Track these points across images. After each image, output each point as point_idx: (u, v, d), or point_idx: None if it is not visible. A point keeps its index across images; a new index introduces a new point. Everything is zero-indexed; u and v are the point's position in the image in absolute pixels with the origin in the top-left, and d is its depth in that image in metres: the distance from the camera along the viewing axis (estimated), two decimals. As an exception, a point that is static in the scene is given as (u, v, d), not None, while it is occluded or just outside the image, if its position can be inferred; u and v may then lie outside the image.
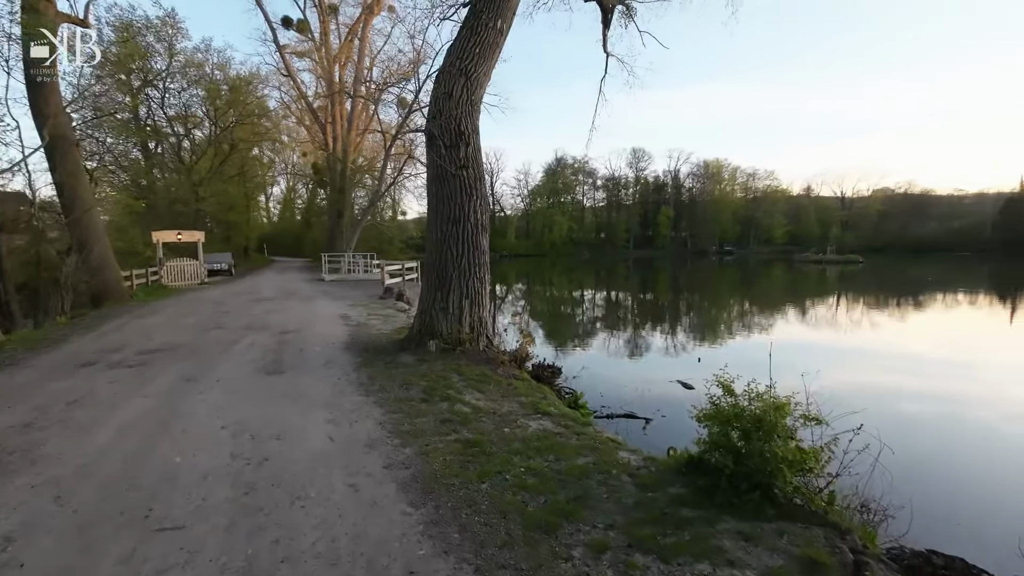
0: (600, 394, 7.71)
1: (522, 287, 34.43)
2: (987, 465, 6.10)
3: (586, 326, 16.44)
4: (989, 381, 9.87)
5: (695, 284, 36.10)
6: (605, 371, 9.69)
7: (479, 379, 6.23)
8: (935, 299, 24.59)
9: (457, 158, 7.86)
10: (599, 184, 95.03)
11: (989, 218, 77.57)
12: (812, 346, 13.31)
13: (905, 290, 28.67)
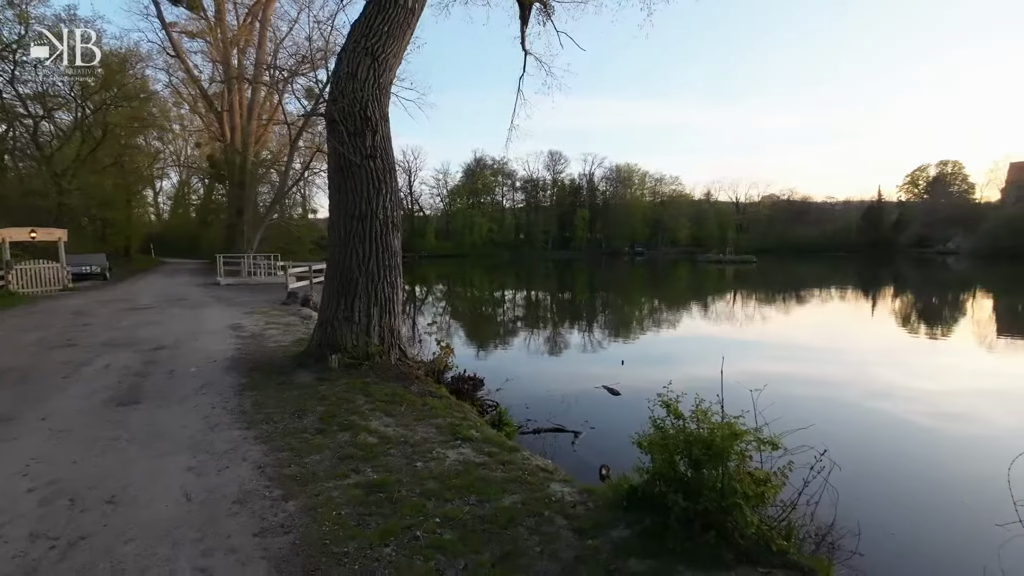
0: (526, 406, 7.17)
1: (443, 289, 33.41)
2: (921, 465, 6.24)
3: (509, 331, 15.96)
4: (882, 371, 10.67)
5: (612, 284, 37.18)
6: (530, 379, 9.19)
7: (389, 399, 5.40)
8: (818, 295, 27.40)
9: (363, 146, 6.94)
10: (518, 186, 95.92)
11: (854, 223, 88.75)
12: (721, 340, 13.85)
13: (793, 287, 31.71)
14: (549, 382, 8.94)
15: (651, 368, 10.58)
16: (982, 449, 6.50)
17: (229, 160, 31.25)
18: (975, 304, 24.13)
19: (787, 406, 4.00)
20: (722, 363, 3.38)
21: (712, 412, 3.15)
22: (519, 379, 8.88)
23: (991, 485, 4.93)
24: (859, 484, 4.57)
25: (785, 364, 11.14)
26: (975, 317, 19.88)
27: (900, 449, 6.53)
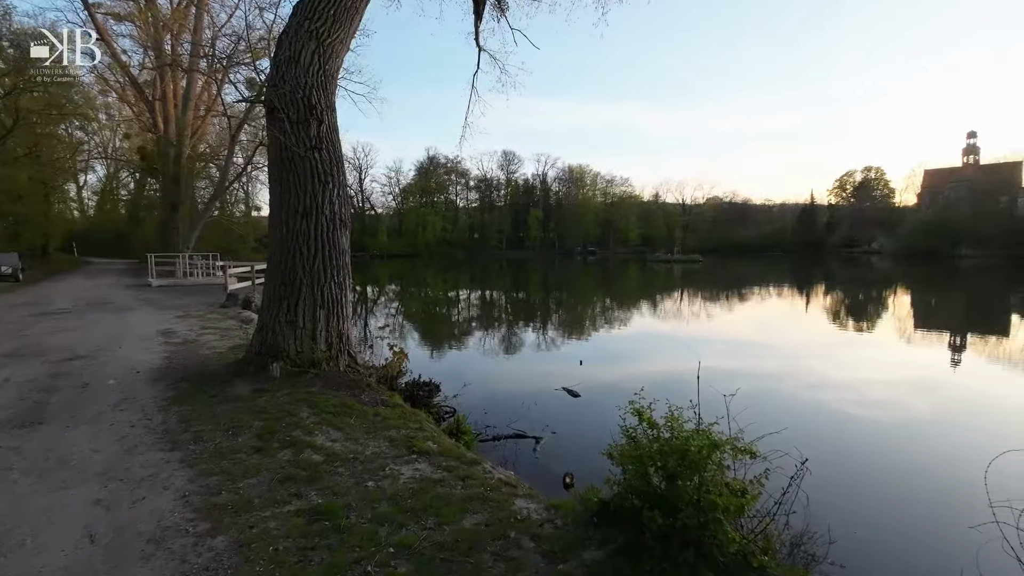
0: (484, 411, 6.88)
1: (395, 289, 32.52)
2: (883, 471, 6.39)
3: (465, 332, 15.60)
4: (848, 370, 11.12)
5: (566, 283, 37.48)
6: (488, 382, 8.92)
7: (337, 411, 4.97)
8: (760, 292, 28.70)
9: (307, 136, 6.43)
10: (472, 185, 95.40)
11: (790, 224, 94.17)
12: (673, 336, 14.09)
13: (737, 285, 33.09)
14: (508, 385, 8.71)
15: (609, 367, 10.56)
16: (949, 446, 6.66)
17: (162, 153, 29.03)
18: (899, 300, 26.06)
19: (754, 404, 3.98)
20: (698, 368, 3.22)
21: (684, 419, 2.99)
22: (477, 383, 8.60)
23: (959, 481, 5.11)
24: (828, 486, 4.56)
25: (738, 360, 11.43)
26: (905, 312, 21.42)
27: (868, 448, 6.56)
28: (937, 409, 8.26)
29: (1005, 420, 7.61)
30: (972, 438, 6.80)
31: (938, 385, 9.84)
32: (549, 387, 8.48)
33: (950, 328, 16.78)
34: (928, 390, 9.38)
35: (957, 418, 7.82)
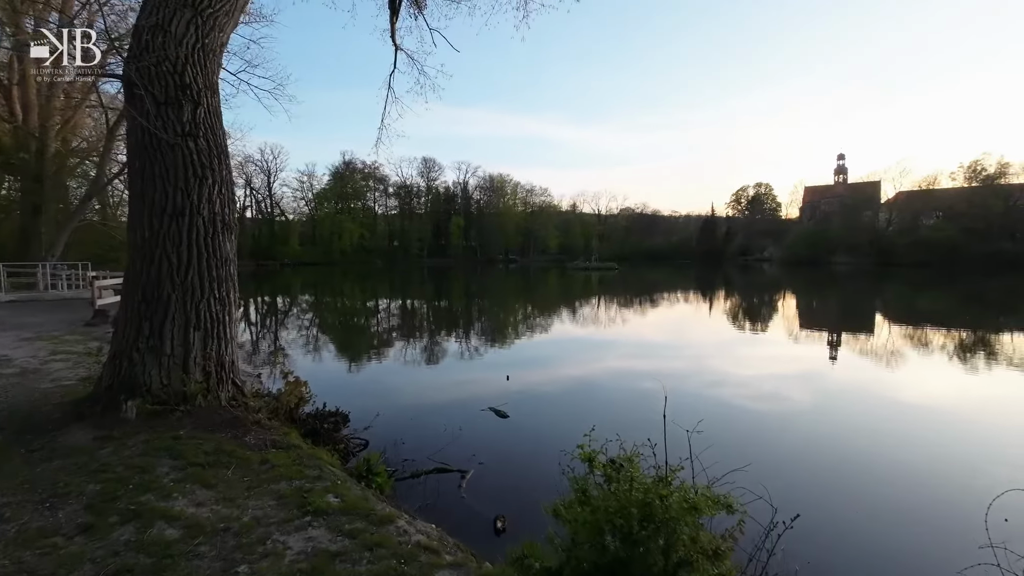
0: (402, 441, 6.05)
1: (308, 300, 30.11)
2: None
3: (382, 349, 14.45)
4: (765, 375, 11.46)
5: (488, 291, 37.01)
6: (407, 405, 8.03)
7: (211, 460, 3.95)
8: (670, 297, 30.14)
9: (178, 121, 5.30)
10: (391, 191, 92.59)
11: (694, 234, 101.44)
12: (600, 342, 14.05)
13: (650, 290, 34.59)
14: (429, 408, 7.88)
15: (538, 381, 10.07)
16: (916, 468, 6.15)
17: (21, 146, 24.67)
18: (798, 303, 28.55)
19: (707, 418, 3.68)
20: (664, 405, 2.71)
21: (638, 455, 2.48)
22: (394, 407, 7.73)
23: (929, 505, 5.08)
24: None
25: (664, 362, 11.57)
26: (792, 313, 23.36)
27: (833, 474, 5.97)
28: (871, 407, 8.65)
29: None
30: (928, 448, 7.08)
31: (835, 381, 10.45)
32: (475, 407, 7.78)
33: (859, 329, 18.43)
34: (809, 379, 9.93)
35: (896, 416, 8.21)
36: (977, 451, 6.50)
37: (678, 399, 8.59)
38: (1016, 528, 4.35)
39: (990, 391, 9.73)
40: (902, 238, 70.02)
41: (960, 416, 8.13)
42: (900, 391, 9.72)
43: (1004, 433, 7.23)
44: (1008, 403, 8.97)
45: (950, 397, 9.34)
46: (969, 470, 5.83)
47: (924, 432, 7.31)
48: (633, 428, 6.30)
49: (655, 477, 2.35)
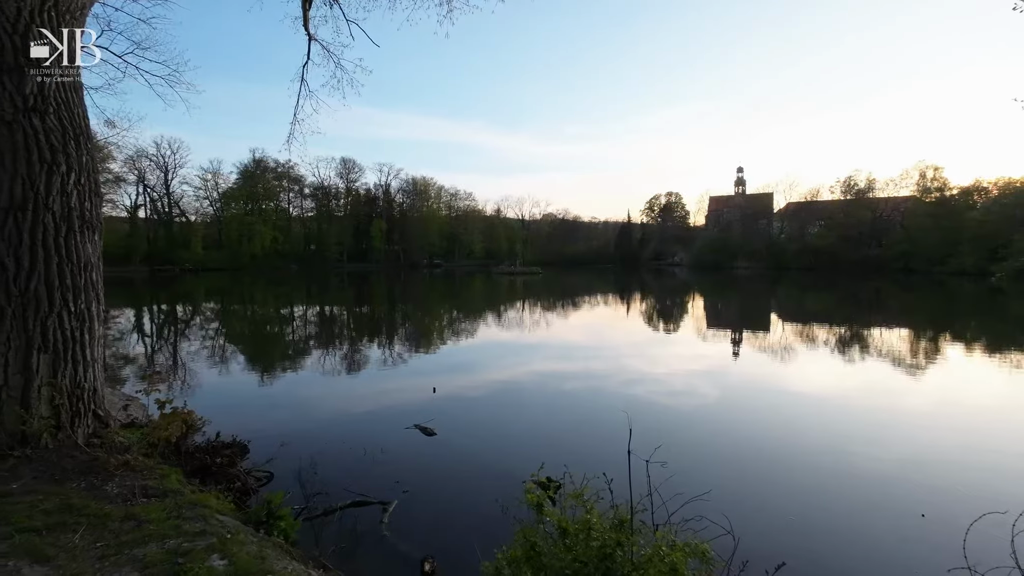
0: (315, 470, 5.30)
1: (213, 309, 27.25)
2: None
3: (294, 360, 13.23)
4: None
5: (413, 296, 35.84)
6: (321, 427, 7.20)
7: (52, 522, 3.08)
8: (592, 300, 30.93)
9: (18, 93, 4.27)
10: (307, 192, 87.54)
11: (612, 239, 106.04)
12: (531, 347, 13.86)
13: (571, 294, 35.34)
14: (346, 429, 7.11)
15: (467, 390, 9.59)
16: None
17: None
18: (706, 304, 30.44)
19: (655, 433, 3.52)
20: (629, 439, 2.38)
21: (592, 500, 2.14)
22: (306, 431, 6.90)
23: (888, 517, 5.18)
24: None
25: (589, 363, 11.58)
26: (700, 313, 24.86)
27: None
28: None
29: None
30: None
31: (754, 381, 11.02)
32: (399, 425, 7.15)
33: (759, 327, 19.76)
34: (720, 375, 10.43)
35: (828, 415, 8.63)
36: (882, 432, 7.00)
37: (603, 400, 8.83)
38: (932, 522, 4.58)
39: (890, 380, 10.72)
40: (792, 245, 77.83)
41: (848, 403, 8.82)
42: (797, 384, 10.43)
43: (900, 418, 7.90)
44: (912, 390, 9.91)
45: (841, 386, 10.17)
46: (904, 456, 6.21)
47: (823, 418, 7.78)
48: (568, 437, 5.99)
49: (613, 518, 2.01)
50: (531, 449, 6.31)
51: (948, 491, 5.25)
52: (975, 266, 49.99)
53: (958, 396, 9.72)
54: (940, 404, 9.16)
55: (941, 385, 10.58)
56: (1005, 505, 4.70)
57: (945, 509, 4.80)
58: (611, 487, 2.22)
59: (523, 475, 5.19)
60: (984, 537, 2.87)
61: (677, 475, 4.65)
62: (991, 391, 10.12)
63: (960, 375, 11.52)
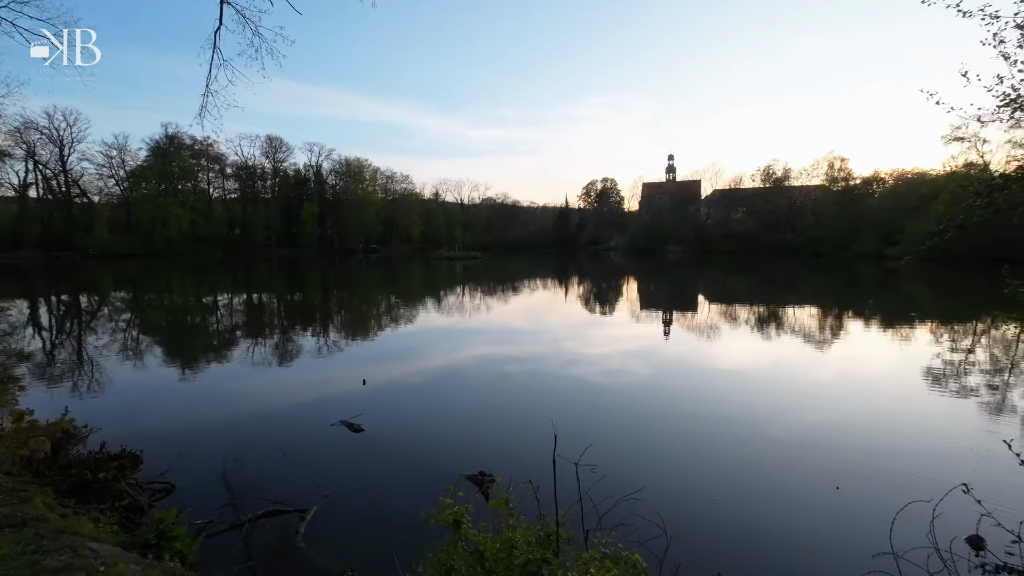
0: (224, 479, 4.85)
1: (123, 299, 24.65)
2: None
3: (209, 354, 12.19)
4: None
5: (347, 283, 34.44)
6: (235, 430, 6.61)
7: None
8: (531, 284, 31.21)
9: None
10: (229, 172, 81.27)
11: (551, 224, 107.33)
12: (466, 334, 13.61)
13: (512, 279, 35.45)
14: (264, 428, 6.58)
15: (400, 382, 9.24)
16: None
17: None
18: (639, 287, 31.52)
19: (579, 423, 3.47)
20: (554, 448, 2.21)
21: (520, 506, 1.97)
22: (218, 436, 6.33)
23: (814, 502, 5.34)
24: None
25: (526, 347, 11.54)
26: (634, 296, 25.74)
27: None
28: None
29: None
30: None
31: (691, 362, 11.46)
32: (324, 422, 6.72)
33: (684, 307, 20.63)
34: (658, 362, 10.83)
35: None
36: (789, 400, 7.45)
37: (540, 381, 9.11)
38: (847, 495, 4.87)
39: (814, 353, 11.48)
40: (717, 230, 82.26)
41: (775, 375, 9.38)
42: (723, 362, 10.98)
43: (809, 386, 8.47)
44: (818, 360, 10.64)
45: (761, 362, 10.80)
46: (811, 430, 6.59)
47: (747, 395, 8.20)
48: (505, 428, 5.77)
49: (539, 529, 1.86)
50: (466, 442, 6.14)
51: (859, 465, 5.63)
52: (873, 250, 55.08)
53: (861, 367, 10.61)
54: (845, 376, 9.96)
55: (846, 356, 11.53)
56: (911, 474, 5.16)
57: (857, 483, 5.14)
58: (538, 495, 2.07)
59: (456, 472, 5.01)
60: (904, 519, 3.00)
61: (610, 467, 4.67)
62: (888, 361, 11.14)
63: (862, 348, 12.60)
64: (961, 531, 3.75)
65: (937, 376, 9.62)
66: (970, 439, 6.22)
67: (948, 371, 10.03)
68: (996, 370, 10.31)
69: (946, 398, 8.27)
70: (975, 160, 44.73)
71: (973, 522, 3.46)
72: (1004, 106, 4.28)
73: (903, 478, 5.15)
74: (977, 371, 10.12)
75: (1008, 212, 4.13)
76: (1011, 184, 4.09)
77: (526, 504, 2.37)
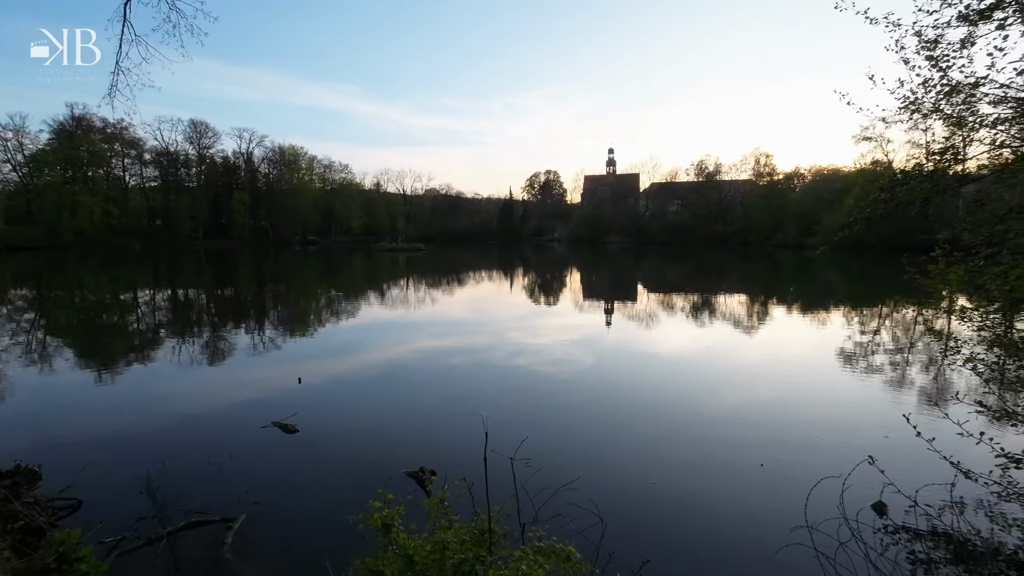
0: (141, 490, 4.46)
1: (26, 296, 22.14)
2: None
3: (128, 358, 11.18)
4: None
5: (284, 276, 32.82)
6: (156, 436, 6.09)
7: None
8: (477, 276, 31.19)
9: None
10: (148, 159, 74.93)
11: (495, 216, 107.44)
12: (409, 327, 13.37)
13: (457, 270, 35.20)
14: (188, 435, 6.13)
15: (338, 379, 8.90)
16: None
17: None
18: (582, 277, 32.21)
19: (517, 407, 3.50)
20: (485, 444, 2.15)
21: (453, 504, 1.93)
22: (136, 443, 5.84)
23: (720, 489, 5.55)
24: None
25: (469, 339, 11.48)
26: (577, 286, 26.33)
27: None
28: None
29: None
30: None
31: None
32: (255, 424, 6.35)
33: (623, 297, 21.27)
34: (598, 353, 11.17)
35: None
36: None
37: (486, 373, 9.19)
38: (770, 472, 5.19)
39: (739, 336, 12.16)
40: (655, 221, 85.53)
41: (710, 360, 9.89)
42: (659, 347, 11.46)
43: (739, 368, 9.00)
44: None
45: (694, 347, 11.37)
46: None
47: (680, 377, 8.60)
48: (447, 423, 5.68)
49: (473, 527, 1.82)
50: (408, 439, 6.01)
51: (781, 442, 6.03)
52: (795, 240, 59.37)
53: (785, 350, 11.39)
54: (770, 358, 10.67)
55: (771, 340, 12.34)
56: (826, 448, 5.60)
57: (779, 460, 5.50)
58: (474, 492, 2.04)
59: (397, 470, 4.91)
60: (818, 492, 3.21)
61: (550, 458, 4.74)
62: (807, 343, 12.04)
63: (785, 332, 13.54)
64: (868, 500, 4.11)
65: (849, 356, 10.51)
66: (877, 413, 6.83)
67: (858, 351, 10.99)
68: (898, 349, 11.39)
69: (857, 376, 9.07)
70: (881, 158, 49.02)
71: (878, 491, 3.80)
72: (904, 108, 4.65)
73: (819, 453, 5.58)
74: (882, 351, 11.14)
75: (907, 206, 4.52)
76: (910, 180, 4.48)
77: (465, 501, 2.34)
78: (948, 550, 3.65)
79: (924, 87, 4.45)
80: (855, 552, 2.78)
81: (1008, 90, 4.27)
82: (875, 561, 3.00)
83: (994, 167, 4.33)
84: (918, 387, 8.39)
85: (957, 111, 4.46)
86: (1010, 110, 4.32)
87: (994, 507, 4.01)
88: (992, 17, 3.94)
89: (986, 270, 3.91)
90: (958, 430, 3.54)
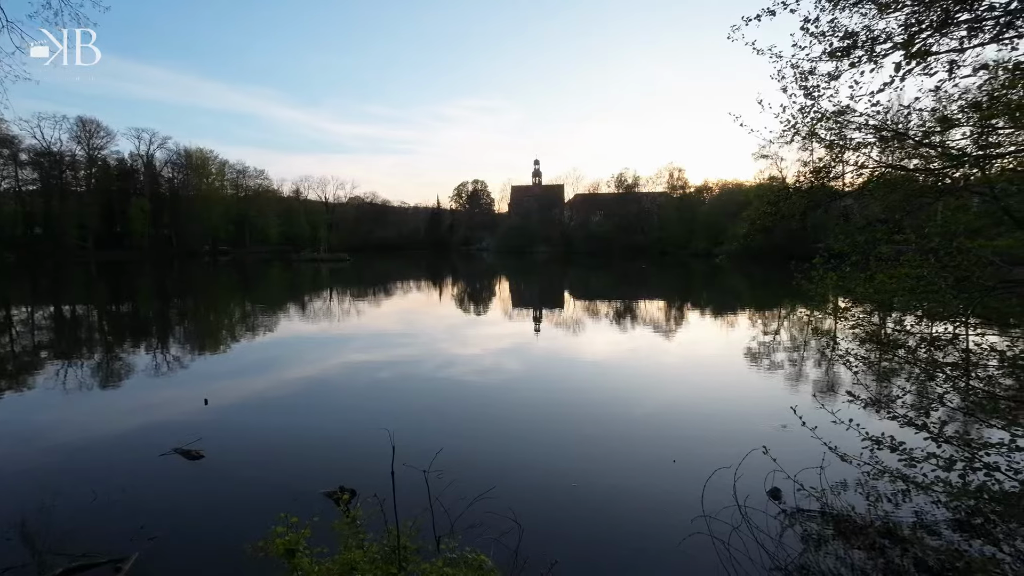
0: (12, 534, 3.91)
1: None
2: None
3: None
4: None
5: (189, 290, 30.18)
6: (32, 471, 5.35)
7: None
8: (404, 287, 30.55)
9: None
10: (25, 159, 66.23)
11: (422, 225, 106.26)
12: (325, 341, 12.81)
13: (383, 281, 34.30)
14: (71, 470, 5.43)
15: (250, 400, 8.31)
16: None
17: None
18: (511, 286, 32.57)
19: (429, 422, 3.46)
20: (392, 459, 2.11)
21: (362, 533, 1.88)
22: (2, 483, 5.09)
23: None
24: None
25: (393, 351, 11.20)
26: (506, 295, 26.64)
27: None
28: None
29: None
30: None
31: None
32: (153, 451, 5.77)
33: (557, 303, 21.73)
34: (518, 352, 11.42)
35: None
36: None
37: (413, 385, 8.98)
38: (679, 467, 5.50)
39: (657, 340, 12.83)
40: (579, 231, 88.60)
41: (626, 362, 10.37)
42: (583, 353, 11.88)
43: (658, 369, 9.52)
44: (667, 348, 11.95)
45: (616, 352, 11.90)
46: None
47: (602, 381, 8.96)
48: (367, 442, 5.52)
49: (386, 544, 1.78)
50: (327, 458, 5.75)
51: (690, 438, 6.45)
52: (705, 249, 64.09)
53: (696, 351, 12.22)
54: (684, 359, 11.41)
55: (685, 342, 13.20)
56: (729, 441, 6.06)
57: (688, 454, 5.87)
58: (384, 509, 1.99)
59: (314, 491, 4.68)
60: (715, 482, 3.45)
61: (470, 468, 4.75)
62: (717, 344, 13.00)
63: (697, 334, 14.52)
64: (768, 486, 4.50)
65: (754, 355, 11.51)
66: (776, 406, 7.49)
67: (760, 351, 12.05)
68: (795, 347, 12.61)
69: (761, 373, 9.95)
70: (776, 175, 54.24)
71: (772, 478, 4.17)
72: (786, 131, 5.22)
73: (721, 446, 6.02)
74: (782, 349, 12.29)
75: (790, 219, 5.06)
76: (791, 196, 5.03)
77: (380, 519, 2.28)
78: (831, 526, 4.08)
79: (802, 113, 5.02)
80: (747, 536, 3.05)
81: (868, 118, 4.92)
82: (763, 542, 3.29)
83: (858, 185, 4.97)
84: (812, 381, 9.33)
85: (829, 135, 5.07)
86: (870, 135, 4.98)
87: (866, 485, 4.54)
88: (850, 55, 4.53)
89: (853, 276, 4.47)
90: (834, 419, 3.99)
